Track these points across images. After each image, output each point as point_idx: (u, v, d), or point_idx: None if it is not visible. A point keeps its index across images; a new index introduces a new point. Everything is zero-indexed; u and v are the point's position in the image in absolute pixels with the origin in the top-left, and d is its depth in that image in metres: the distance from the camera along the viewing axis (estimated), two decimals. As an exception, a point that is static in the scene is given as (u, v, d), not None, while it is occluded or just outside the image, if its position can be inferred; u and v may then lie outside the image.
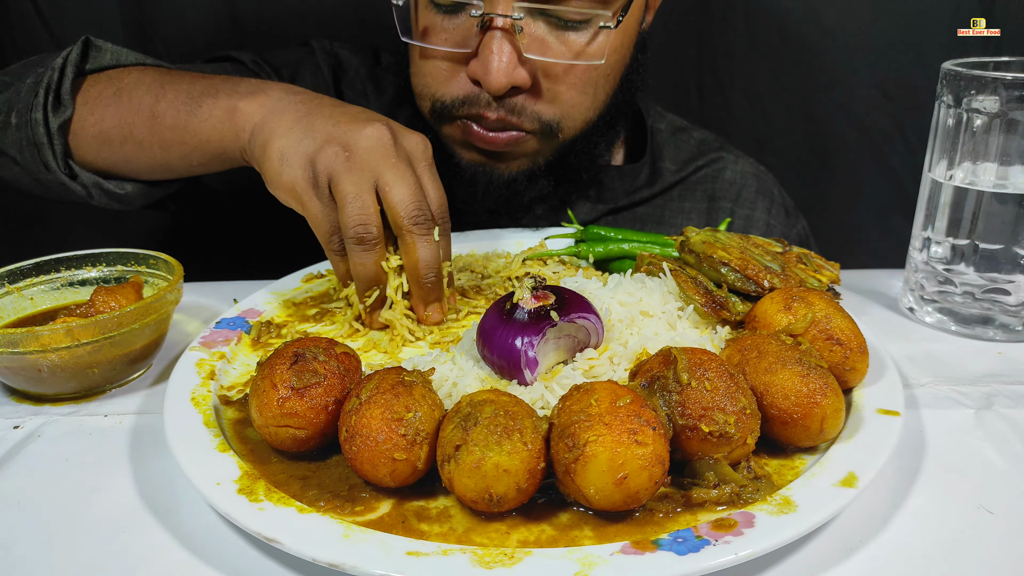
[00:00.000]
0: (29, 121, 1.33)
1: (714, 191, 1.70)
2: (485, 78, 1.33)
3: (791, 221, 1.76)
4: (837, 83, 2.10)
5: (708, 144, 1.76)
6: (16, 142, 1.35)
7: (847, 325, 0.99)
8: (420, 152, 1.17)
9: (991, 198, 1.21)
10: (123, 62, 1.41)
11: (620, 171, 1.68)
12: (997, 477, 0.92)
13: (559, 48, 1.36)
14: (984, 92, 1.17)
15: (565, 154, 1.50)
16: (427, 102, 1.47)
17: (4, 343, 1.02)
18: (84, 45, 1.38)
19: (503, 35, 1.30)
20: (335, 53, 1.73)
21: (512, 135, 1.42)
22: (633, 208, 1.68)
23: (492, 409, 0.82)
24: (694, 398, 0.84)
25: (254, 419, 0.90)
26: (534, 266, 1.37)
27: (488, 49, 1.31)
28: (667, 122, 1.77)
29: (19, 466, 0.97)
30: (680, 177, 1.70)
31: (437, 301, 1.19)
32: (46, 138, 1.33)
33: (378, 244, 1.13)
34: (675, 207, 1.70)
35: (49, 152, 1.34)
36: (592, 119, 1.48)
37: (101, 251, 1.26)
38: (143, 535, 0.85)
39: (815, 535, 0.82)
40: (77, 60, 1.36)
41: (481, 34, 1.32)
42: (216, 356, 1.11)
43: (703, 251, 1.17)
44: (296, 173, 1.12)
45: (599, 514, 0.81)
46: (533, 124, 1.41)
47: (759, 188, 1.72)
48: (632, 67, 1.52)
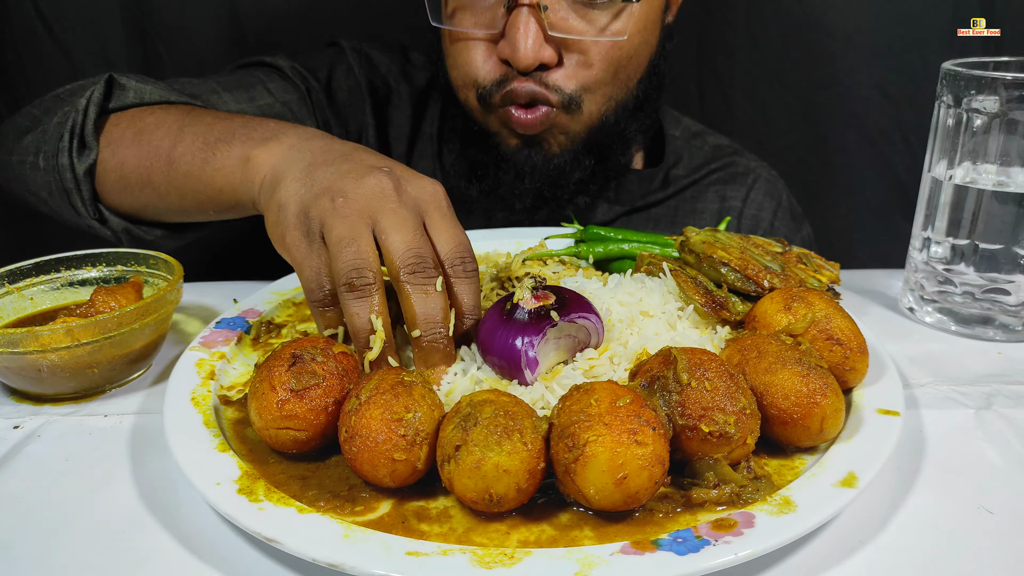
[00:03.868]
0: (56, 166, 1.33)
1: (725, 192, 1.74)
2: (514, 56, 1.39)
3: (796, 226, 1.78)
4: (837, 83, 2.10)
5: (722, 149, 1.80)
6: (45, 185, 1.36)
7: (847, 325, 0.99)
8: (429, 196, 1.05)
9: (991, 198, 1.21)
10: (147, 100, 1.39)
11: (639, 175, 1.73)
12: (997, 477, 0.92)
13: (583, 25, 1.42)
14: (984, 92, 1.18)
15: (597, 135, 1.55)
16: (472, 91, 1.51)
17: (4, 343, 1.02)
18: (108, 84, 1.37)
19: (529, 12, 1.37)
20: (365, 52, 1.75)
21: (543, 112, 1.47)
22: (648, 209, 1.73)
23: (492, 409, 0.82)
24: (694, 398, 0.84)
25: (253, 421, 0.90)
26: (534, 266, 1.37)
27: (515, 27, 1.37)
28: (683, 127, 1.82)
29: (19, 466, 0.97)
30: (693, 180, 1.75)
31: (442, 362, 1.00)
32: (73, 183, 1.33)
33: (373, 291, 0.97)
34: (688, 208, 1.74)
35: (78, 198, 1.34)
36: (618, 99, 1.53)
37: (101, 251, 1.26)
38: (143, 535, 0.85)
39: (815, 535, 0.82)
40: (100, 100, 1.35)
41: (507, 14, 1.39)
42: (216, 356, 1.11)
43: (703, 251, 1.17)
44: (290, 222, 1.03)
45: (599, 514, 0.81)
46: (556, 96, 1.45)
47: (768, 191, 1.76)
48: (658, 54, 1.58)
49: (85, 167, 1.32)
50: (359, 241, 0.97)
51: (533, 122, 1.47)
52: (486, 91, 1.48)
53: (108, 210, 1.37)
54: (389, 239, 0.98)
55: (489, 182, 1.60)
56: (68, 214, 1.38)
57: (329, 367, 0.91)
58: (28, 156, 1.38)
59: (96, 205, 1.36)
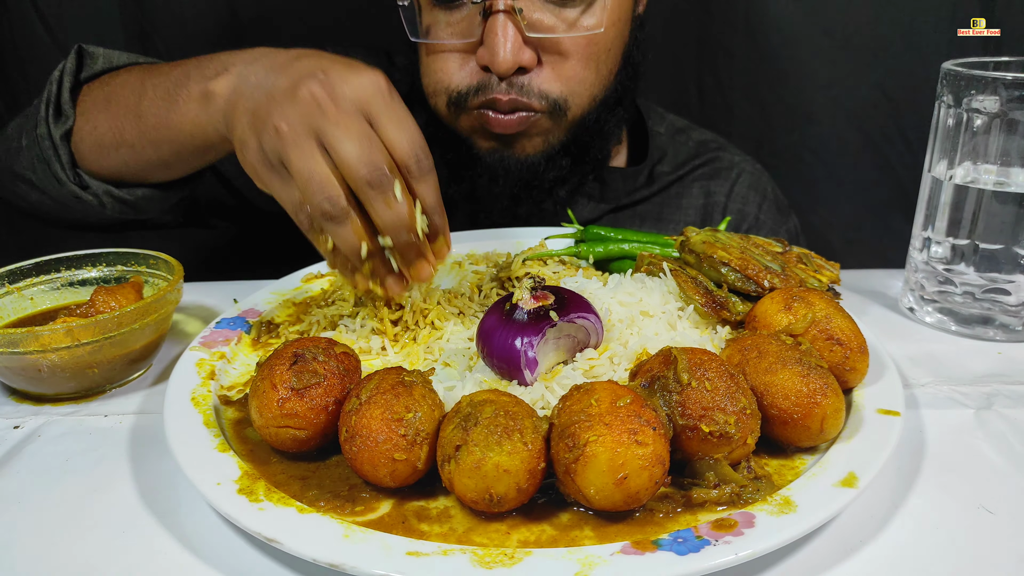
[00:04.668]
0: (36, 138, 1.35)
1: (709, 187, 1.75)
2: (493, 61, 1.39)
3: (782, 218, 1.79)
4: (837, 83, 2.10)
5: (706, 145, 1.81)
6: (29, 162, 1.37)
7: (847, 325, 0.99)
8: (369, 91, 1.01)
9: (991, 198, 1.21)
10: (115, 64, 1.41)
11: (623, 173, 1.73)
12: (997, 477, 0.92)
13: (559, 24, 1.43)
14: (984, 92, 1.17)
15: (578, 133, 1.55)
16: (442, 97, 1.51)
17: (4, 343, 1.02)
18: (78, 54, 1.39)
19: (505, 18, 1.37)
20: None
21: (523, 116, 1.47)
22: (634, 206, 1.73)
23: (492, 409, 0.82)
24: (694, 398, 0.84)
25: (254, 420, 0.90)
26: (534, 266, 1.36)
27: (492, 33, 1.37)
28: (667, 124, 1.82)
29: (19, 466, 0.97)
30: (678, 176, 1.75)
31: (419, 258, 1.06)
32: (52, 151, 1.34)
33: (349, 211, 1.00)
34: (673, 204, 1.74)
35: (57, 164, 1.34)
36: (598, 96, 1.53)
37: (101, 251, 1.26)
38: (143, 535, 0.85)
39: (815, 535, 0.82)
40: (73, 69, 1.37)
41: (484, 21, 1.39)
42: (216, 356, 1.11)
43: (703, 251, 1.17)
44: (254, 159, 1.05)
45: (599, 514, 0.81)
46: (541, 103, 1.46)
47: (752, 184, 1.76)
48: (631, 45, 1.59)
49: (61, 133, 1.33)
50: (316, 169, 0.98)
51: (510, 123, 1.47)
52: (460, 96, 1.47)
53: (88, 175, 1.37)
54: (338, 154, 0.98)
55: (467, 185, 1.61)
56: (52, 187, 1.38)
57: (330, 367, 0.91)
58: (13, 142, 1.40)
59: (75, 171, 1.37)
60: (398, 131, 1.01)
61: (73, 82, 1.37)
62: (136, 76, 1.35)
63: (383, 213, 1.00)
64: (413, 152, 1.01)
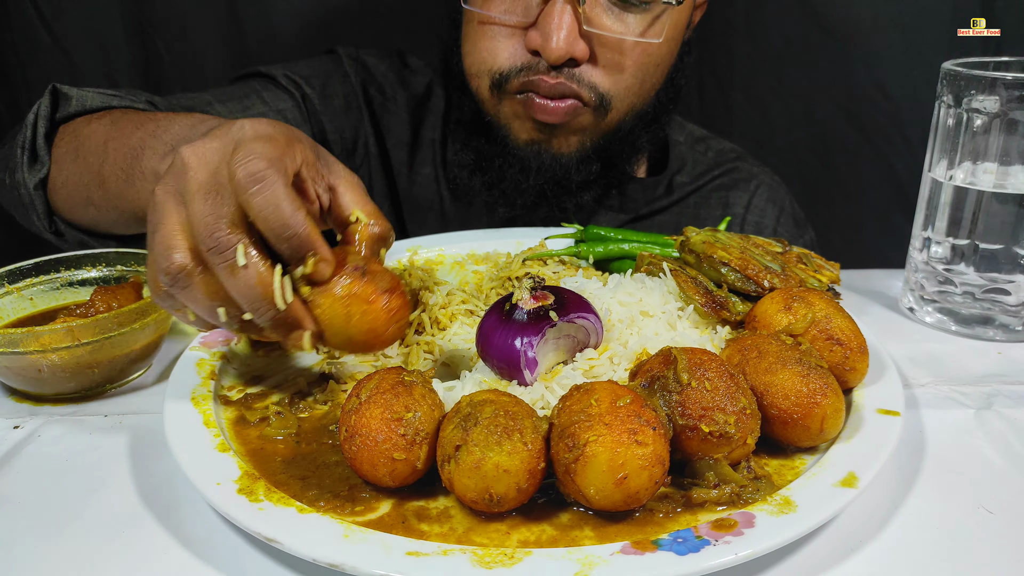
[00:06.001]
0: (15, 182, 1.32)
1: (727, 198, 1.75)
2: (545, 46, 1.36)
3: (799, 231, 1.79)
4: (837, 83, 2.10)
5: (725, 155, 1.80)
6: (12, 201, 1.36)
7: (847, 325, 0.99)
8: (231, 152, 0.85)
9: (991, 198, 1.21)
10: (88, 106, 1.34)
11: (643, 183, 1.73)
12: (997, 477, 0.92)
13: (619, 24, 1.41)
14: (984, 92, 1.18)
15: (611, 141, 1.55)
16: (485, 79, 1.49)
17: (4, 343, 1.02)
18: (52, 94, 1.35)
19: (566, 4, 1.34)
20: (362, 60, 1.75)
21: (571, 104, 1.44)
22: (652, 217, 1.73)
23: (492, 409, 0.82)
24: (694, 398, 0.84)
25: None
26: (534, 266, 1.36)
27: (550, 17, 1.35)
28: (687, 133, 1.81)
29: (19, 466, 0.97)
30: (697, 186, 1.75)
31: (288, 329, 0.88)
32: (28, 198, 1.32)
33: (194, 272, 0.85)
34: (691, 214, 1.74)
35: (33, 213, 1.32)
36: (637, 106, 1.52)
37: (101, 251, 1.26)
38: (143, 535, 0.85)
39: (815, 535, 0.82)
40: (48, 113, 1.33)
41: (543, 4, 1.37)
42: (216, 356, 1.11)
43: (703, 251, 1.17)
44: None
45: (599, 514, 0.81)
46: (589, 94, 1.44)
47: (771, 197, 1.76)
48: (677, 66, 1.58)
49: (35, 181, 1.31)
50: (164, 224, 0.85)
51: (557, 110, 1.44)
52: (503, 77, 1.45)
53: (63, 222, 1.35)
54: (187, 215, 0.85)
55: (493, 175, 1.58)
56: (33, 228, 1.37)
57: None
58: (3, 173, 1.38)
59: (51, 219, 1.34)
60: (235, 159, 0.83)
61: (48, 126, 1.33)
62: (103, 131, 1.26)
63: (227, 282, 0.84)
64: (241, 175, 0.82)
